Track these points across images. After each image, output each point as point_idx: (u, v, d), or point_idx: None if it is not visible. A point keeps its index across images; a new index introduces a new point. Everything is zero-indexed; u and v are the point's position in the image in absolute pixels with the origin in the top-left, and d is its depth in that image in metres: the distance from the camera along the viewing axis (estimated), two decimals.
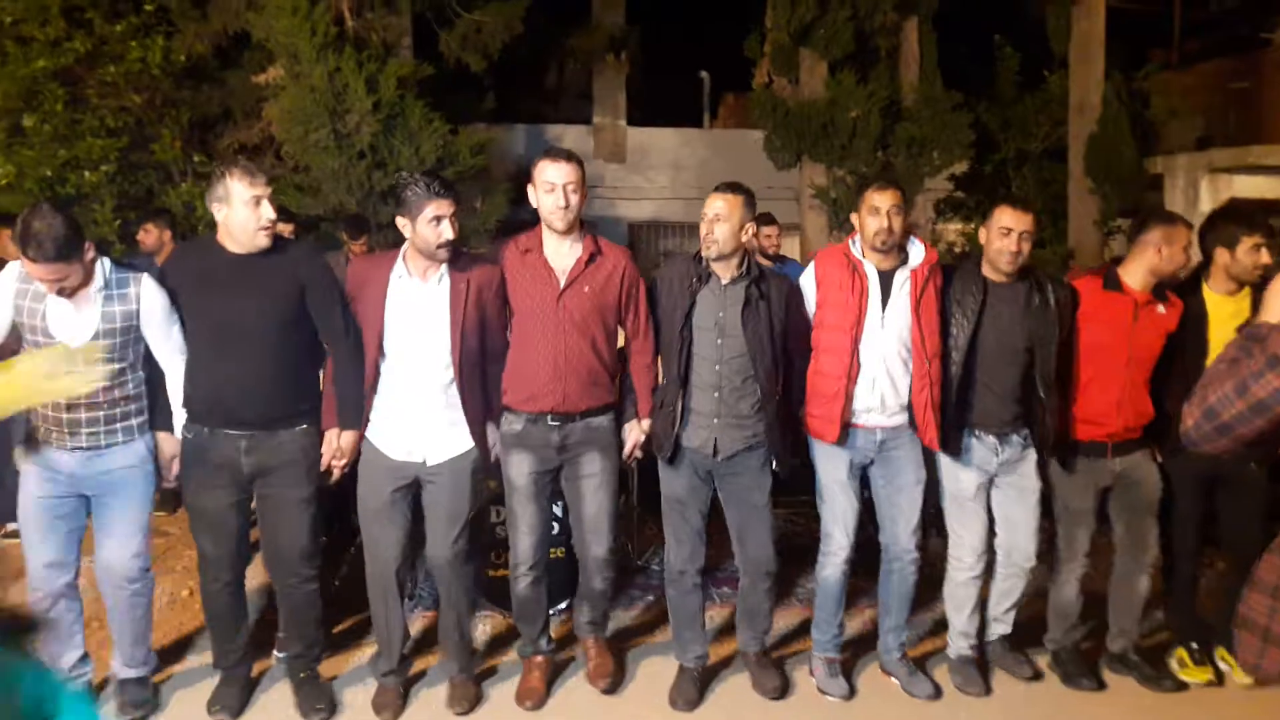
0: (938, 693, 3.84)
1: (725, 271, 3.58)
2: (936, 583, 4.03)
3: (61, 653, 3.53)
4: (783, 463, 3.72)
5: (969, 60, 11.27)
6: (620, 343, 3.75)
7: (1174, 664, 4.00)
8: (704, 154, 12.73)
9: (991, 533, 3.90)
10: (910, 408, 3.69)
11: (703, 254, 3.57)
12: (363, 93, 7.04)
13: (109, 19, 7.87)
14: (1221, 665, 3.96)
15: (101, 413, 3.37)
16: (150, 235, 6.38)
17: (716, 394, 3.59)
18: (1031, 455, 3.80)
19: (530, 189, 3.56)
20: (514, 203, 10.36)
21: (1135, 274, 3.75)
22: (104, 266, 3.35)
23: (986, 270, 3.73)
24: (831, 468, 3.74)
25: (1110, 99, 10.79)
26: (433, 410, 3.51)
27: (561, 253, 3.57)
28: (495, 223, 7.95)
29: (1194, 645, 3.98)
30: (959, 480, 3.80)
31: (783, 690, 3.83)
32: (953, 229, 11.88)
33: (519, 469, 3.63)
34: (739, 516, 3.72)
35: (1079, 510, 3.85)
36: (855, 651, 4.10)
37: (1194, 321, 3.82)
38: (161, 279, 3.44)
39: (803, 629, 4.20)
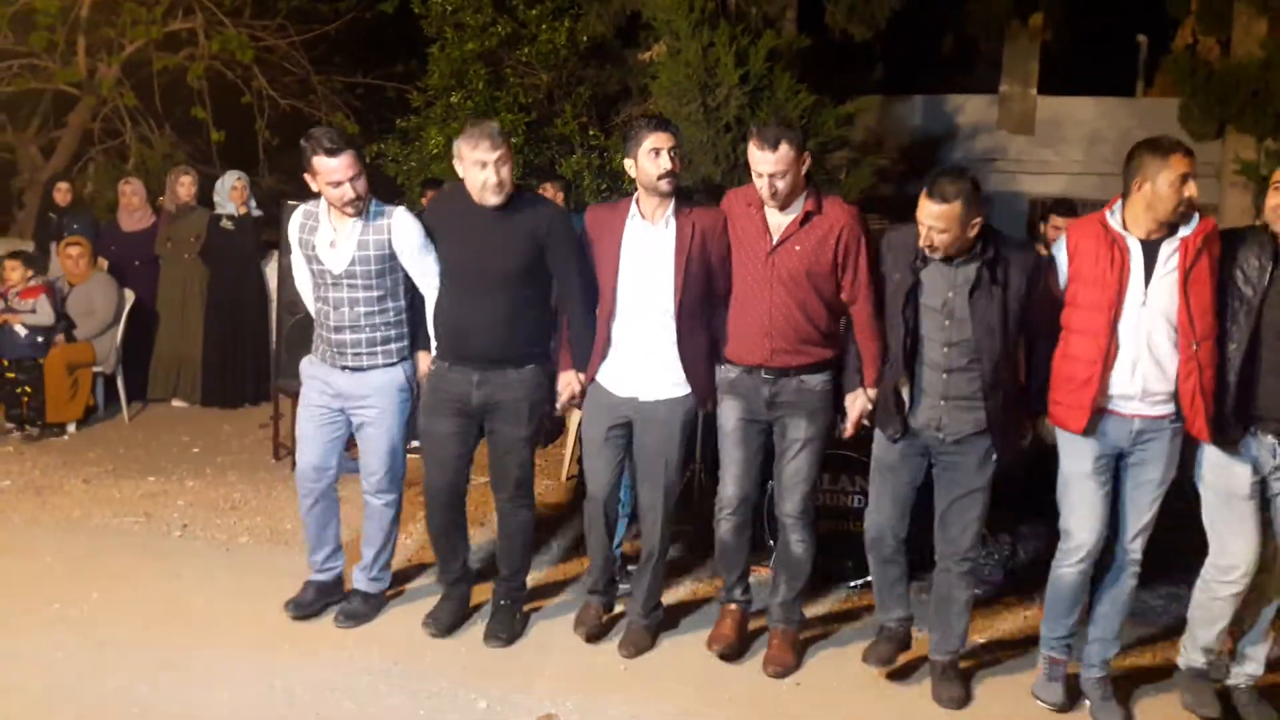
0: None
1: (955, 253, 3.38)
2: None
3: (317, 547, 4.14)
4: (1005, 454, 3.47)
5: None
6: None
7: None
8: (1126, 125, 11.58)
9: None
10: (1177, 395, 3.30)
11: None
12: (732, 66, 7.27)
13: (529, 4, 8.79)
14: None
15: (364, 336, 3.87)
16: (546, 193, 7.14)
17: (945, 375, 3.43)
18: None
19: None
20: (896, 176, 10.22)
21: None
22: (371, 202, 3.84)
23: None
24: (1074, 458, 3.44)
25: None
26: (652, 349, 3.71)
27: (781, 210, 3.59)
28: (859, 194, 7.87)
29: None
30: (1230, 478, 3.35)
31: (962, 701, 3.62)
32: None
33: (728, 414, 3.73)
34: (948, 498, 3.55)
35: None
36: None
37: None
38: (421, 216, 3.88)
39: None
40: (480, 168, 3.67)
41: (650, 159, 3.59)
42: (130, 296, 7.09)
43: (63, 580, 4.39)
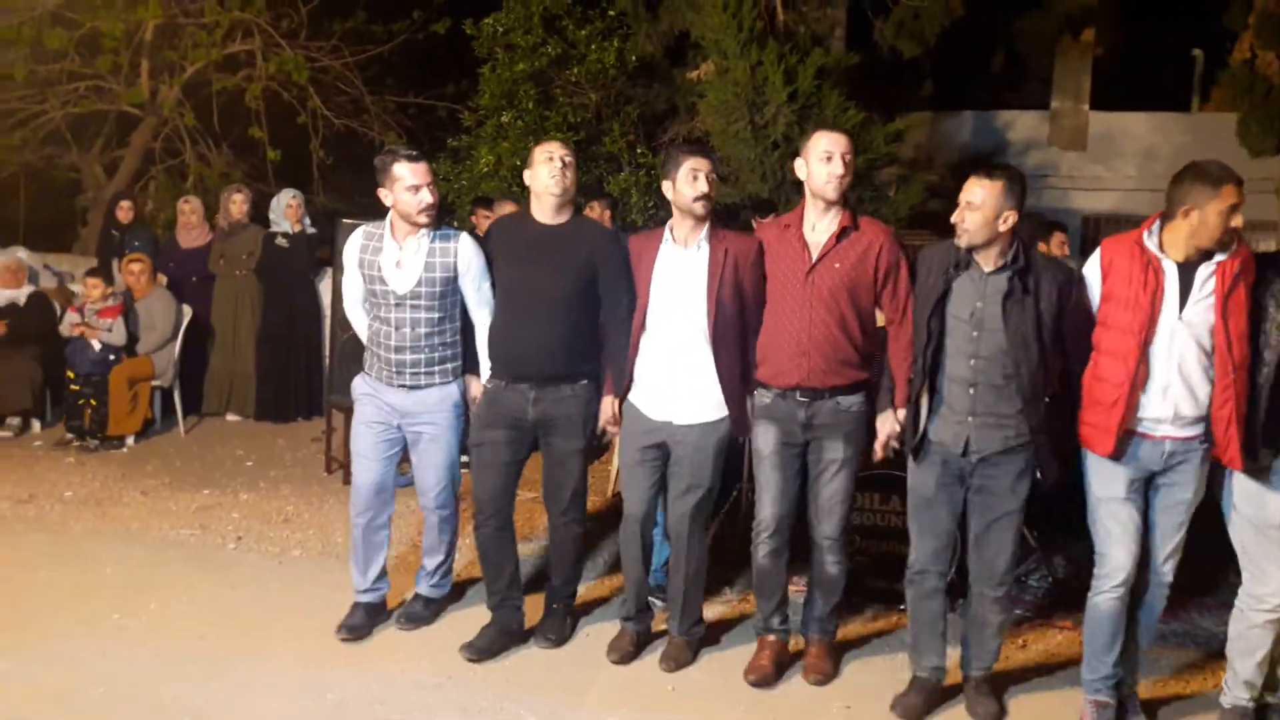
0: None
1: (986, 260, 3.38)
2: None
3: (365, 568, 4.17)
4: (1048, 472, 3.43)
5: None
6: (880, 323, 3.69)
7: None
8: (1182, 141, 11.43)
9: None
10: (1209, 419, 3.26)
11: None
12: (780, 85, 7.30)
13: (579, 24, 8.88)
14: None
15: (422, 356, 3.96)
16: (593, 212, 7.18)
17: (972, 390, 3.41)
18: None
19: (800, 161, 3.64)
20: (946, 193, 10.16)
21: None
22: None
23: None
24: (1105, 482, 3.40)
25: None
26: (687, 373, 3.73)
27: (819, 228, 3.62)
28: (908, 210, 7.84)
29: None
30: (1265, 506, 3.29)
31: (996, 718, 3.59)
32: None
33: (765, 439, 3.74)
34: (983, 521, 3.52)
35: None
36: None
37: None
38: (481, 243, 3.98)
39: None
40: (549, 159, 3.81)
41: (688, 181, 3.65)
42: (188, 312, 7.24)
43: (121, 590, 4.49)
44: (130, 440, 6.88)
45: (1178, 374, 3.26)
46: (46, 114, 10.50)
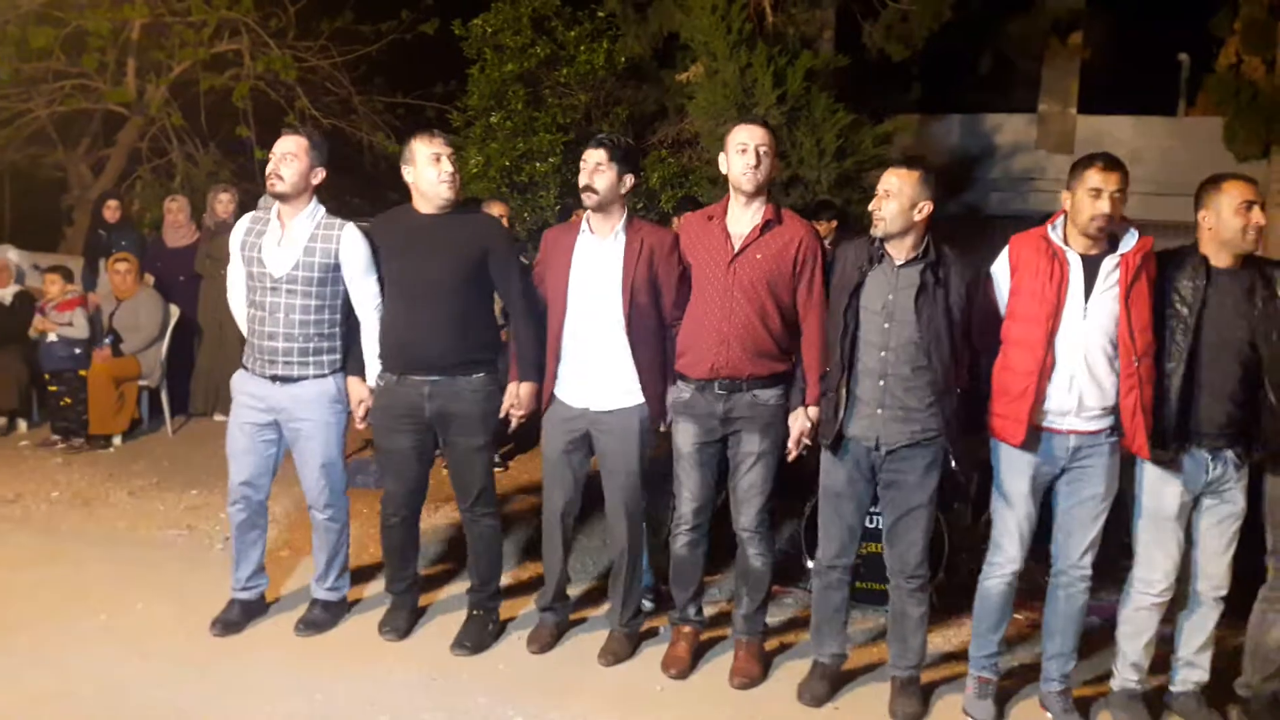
0: None
1: (899, 252, 3.43)
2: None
3: (241, 564, 4.16)
4: (962, 465, 3.50)
5: None
6: None
7: None
8: (1167, 145, 11.49)
9: None
10: (1116, 411, 3.34)
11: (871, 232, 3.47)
12: (769, 87, 7.32)
13: (568, 25, 8.89)
14: None
15: (296, 345, 3.87)
16: (578, 218, 7.20)
17: (881, 382, 3.46)
18: (1243, 478, 3.36)
19: (722, 155, 3.70)
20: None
21: None
22: (318, 211, 3.90)
23: (1212, 254, 3.33)
24: (1013, 474, 3.48)
25: None
26: (604, 360, 3.77)
27: (742, 220, 3.68)
28: None
29: None
30: (1162, 496, 3.42)
31: (917, 717, 3.64)
32: None
33: (685, 437, 3.79)
34: (894, 515, 3.58)
35: None
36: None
37: None
38: (367, 235, 3.94)
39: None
40: (435, 161, 3.80)
41: (582, 171, 3.77)
42: (175, 312, 7.22)
43: (109, 591, 4.47)
44: (117, 440, 6.86)
45: (1083, 364, 3.35)
46: (32, 113, 10.47)
